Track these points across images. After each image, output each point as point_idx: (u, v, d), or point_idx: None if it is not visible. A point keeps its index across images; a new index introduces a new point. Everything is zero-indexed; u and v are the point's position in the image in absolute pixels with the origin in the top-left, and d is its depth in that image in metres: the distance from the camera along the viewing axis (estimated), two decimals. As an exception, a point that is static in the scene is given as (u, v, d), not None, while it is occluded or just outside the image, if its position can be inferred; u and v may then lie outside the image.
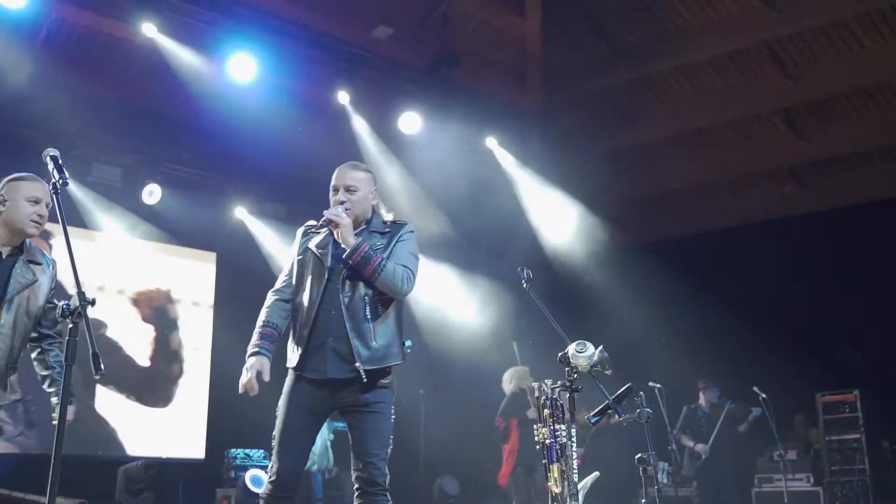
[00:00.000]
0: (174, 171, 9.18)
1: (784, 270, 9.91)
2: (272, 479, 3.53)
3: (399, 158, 9.27)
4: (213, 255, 10.06)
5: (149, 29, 7.54)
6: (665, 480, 7.76)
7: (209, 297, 9.99)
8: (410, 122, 8.99)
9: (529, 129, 10.36)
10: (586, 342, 3.46)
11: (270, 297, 3.74)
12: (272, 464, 3.56)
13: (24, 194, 3.54)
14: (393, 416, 3.64)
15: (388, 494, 3.52)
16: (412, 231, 3.77)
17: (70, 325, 2.79)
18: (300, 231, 3.86)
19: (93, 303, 2.78)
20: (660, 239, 10.96)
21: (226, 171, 9.53)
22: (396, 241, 3.67)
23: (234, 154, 9.17)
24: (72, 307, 2.79)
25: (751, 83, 10.04)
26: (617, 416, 3.49)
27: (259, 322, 3.69)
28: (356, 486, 3.53)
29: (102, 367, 2.70)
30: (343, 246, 3.54)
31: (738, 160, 10.67)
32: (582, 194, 10.01)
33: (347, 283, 3.55)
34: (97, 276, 9.03)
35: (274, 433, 3.58)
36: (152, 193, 8.88)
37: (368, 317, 3.56)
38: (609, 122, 10.92)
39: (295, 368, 3.58)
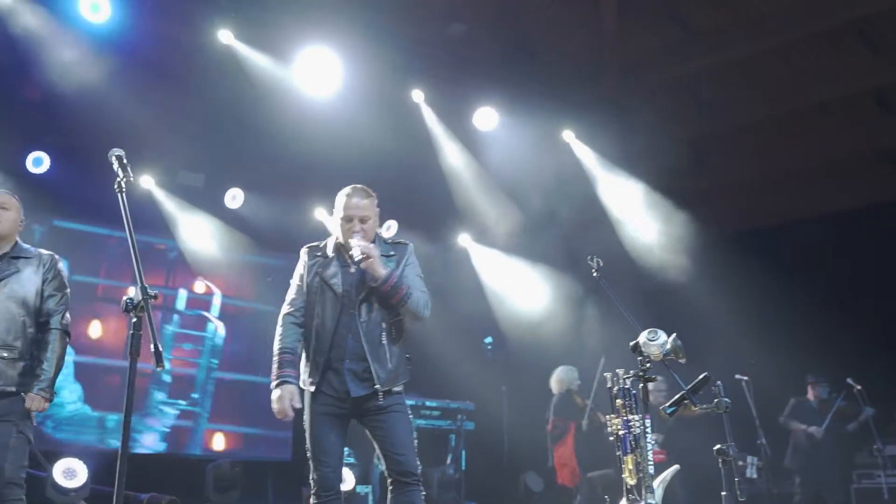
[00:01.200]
0: (255, 175, 9.34)
1: (882, 257, 9.47)
2: (318, 484, 3.77)
3: (475, 154, 9.24)
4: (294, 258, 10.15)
5: (225, 36, 7.72)
6: (754, 475, 7.50)
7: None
8: (486, 117, 8.95)
9: (607, 121, 10.17)
10: (658, 330, 3.36)
11: (283, 321, 3.93)
12: (313, 472, 3.78)
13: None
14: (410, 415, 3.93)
15: (420, 484, 3.71)
16: (413, 251, 4.03)
17: (133, 320, 2.84)
18: (305, 253, 4.05)
19: (155, 297, 2.83)
20: (747, 228, 10.62)
21: (305, 174, 9.64)
22: (404, 266, 3.88)
23: (313, 156, 9.27)
24: (135, 301, 2.84)
25: (839, 63, 9.63)
26: (693, 407, 3.37)
27: (277, 348, 3.87)
28: (389, 479, 3.72)
29: (164, 362, 2.73)
30: (373, 276, 3.70)
31: (827, 144, 10.24)
32: (663, 185, 9.78)
33: (364, 308, 3.75)
34: (182, 279, 9.29)
35: (307, 445, 3.81)
36: (235, 198, 9.08)
37: (384, 342, 3.75)
38: (689, 110, 10.64)
39: (314, 387, 3.78)
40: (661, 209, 9.76)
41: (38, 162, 8.41)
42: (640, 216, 9.83)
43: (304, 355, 3.87)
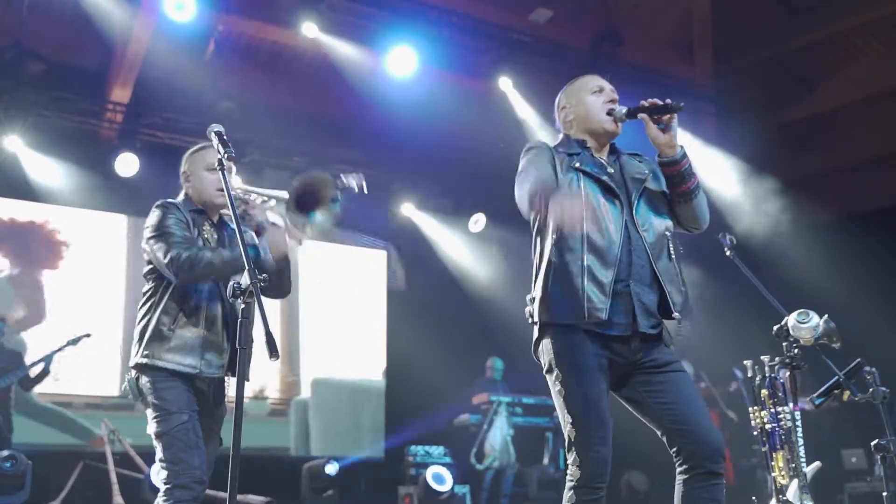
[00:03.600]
0: (341, 170, 9.22)
1: None
2: (591, 470, 2.76)
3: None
4: (383, 253, 10.06)
5: (309, 29, 7.61)
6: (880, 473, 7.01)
7: (381, 294, 10.00)
8: (575, 104, 8.65)
9: (700, 104, 9.76)
10: (809, 311, 3.03)
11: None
12: (578, 457, 2.78)
13: (204, 163, 3.37)
14: None
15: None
16: None
17: (242, 306, 2.60)
18: (540, 146, 3.07)
19: (265, 280, 2.62)
20: (855, 211, 10.03)
21: (392, 168, 9.50)
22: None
23: (400, 149, 9.13)
24: (243, 286, 2.58)
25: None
26: (846, 395, 3.04)
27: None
28: (686, 467, 2.75)
29: (278, 350, 2.48)
30: (670, 144, 2.92)
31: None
32: (761, 168, 9.33)
33: (640, 214, 2.92)
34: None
35: (570, 416, 2.79)
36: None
37: (673, 255, 2.92)
38: (787, 91, 10.14)
39: (583, 323, 2.80)
40: (760, 193, 9.32)
41: (127, 163, 8.42)
42: (738, 201, 9.39)
43: (556, 277, 2.88)
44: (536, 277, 2.94)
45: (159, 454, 3.11)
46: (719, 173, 9.22)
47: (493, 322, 9.38)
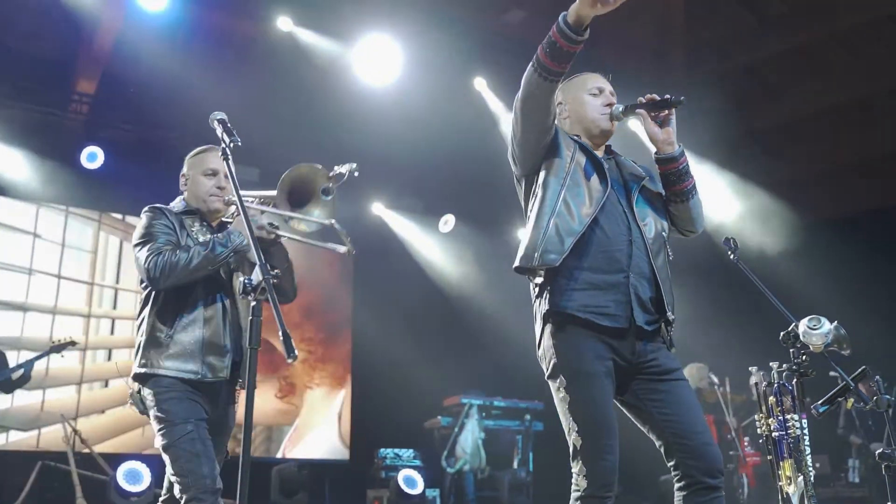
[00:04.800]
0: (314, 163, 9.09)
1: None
2: (600, 479, 2.62)
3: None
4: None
5: (284, 23, 7.49)
6: (857, 480, 7.10)
7: (348, 295, 9.88)
8: (549, 105, 8.63)
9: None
10: (821, 318, 2.99)
11: None
12: (584, 466, 2.65)
13: (201, 168, 3.32)
14: None
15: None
16: None
17: (253, 304, 2.45)
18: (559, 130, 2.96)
19: (276, 276, 2.49)
20: (821, 218, 10.16)
21: (363, 166, 9.36)
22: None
23: (371, 148, 9.01)
24: (254, 282, 2.45)
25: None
26: (850, 403, 3.01)
27: None
28: (685, 483, 2.66)
29: (295, 350, 2.32)
30: (667, 142, 2.90)
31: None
32: (734, 172, 9.42)
33: (639, 209, 2.84)
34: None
35: (576, 422, 2.67)
36: (291, 191, 8.83)
37: (670, 255, 2.85)
38: (756, 98, 10.23)
39: (573, 311, 2.68)
40: (731, 196, 9.41)
41: (93, 157, 8.20)
42: (714, 201, 9.46)
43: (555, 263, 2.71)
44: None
45: (168, 468, 2.99)
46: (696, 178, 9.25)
47: (462, 322, 9.31)
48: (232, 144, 2.83)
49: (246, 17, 7.89)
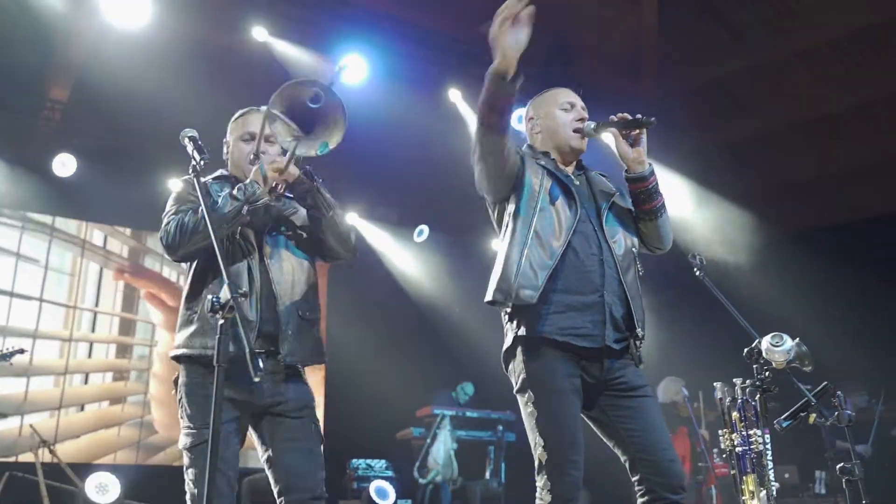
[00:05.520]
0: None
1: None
2: (561, 497, 2.67)
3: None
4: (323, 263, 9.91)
5: (259, 33, 7.49)
6: (823, 491, 7.19)
7: (322, 305, 9.87)
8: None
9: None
10: (783, 335, 3.06)
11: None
12: (549, 480, 2.70)
13: (241, 133, 3.23)
14: None
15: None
16: None
17: (220, 322, 2.35)
18: (524, 151, 3.05)
19: (245, 295, 2.48)
20: (792, 230, 10.29)
21: (338, 176, 9.38)
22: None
23: (346, 158, 9.01)
24: (222, 300, 2.36)
25: (880, 63, 9.30)
26: (812, 418, 3.07)
27: None
28: (648, 499, 2.72)
29: (262, 366, 2.29)
30: (638, 161, 2.97)
31: (874, 145, 9.92)
32: (703, 185, 9.53)
33: (609, 226, 2.91)
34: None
35: (542, 437, 2.72)
36: (267, 200, 8.83)
37: (640, 271, 2.90)
38: (726, 112, 10.37)
39: (551, 335, 2.73)
40: (700, 210, 9.51)
41: (65, 164, 8.16)
42: (681, 218, 9.55)
43: (524, 282, 2.78)
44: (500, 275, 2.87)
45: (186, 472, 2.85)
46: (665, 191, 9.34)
47: (436, 332, 9.33)
48: (203, 162, 2.79)
49: (222, 27, 7.87)
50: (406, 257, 9.84)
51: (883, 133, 9.80)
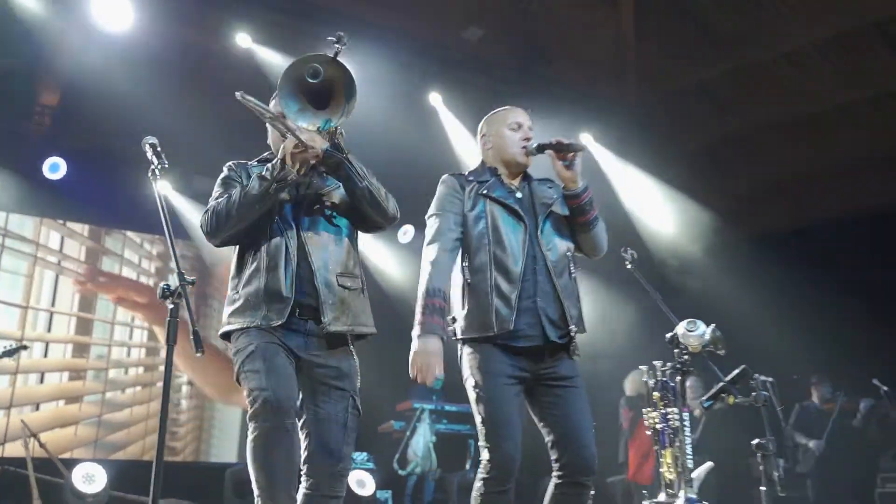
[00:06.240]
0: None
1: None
2: (499, 467, 3.01)
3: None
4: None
5: (243, 39, 7.70)
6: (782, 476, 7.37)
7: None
8: (505, 121, 8.88)
9: (626, 125, 10.10)
10: (697, 321, 3.29)
11: (441, 255, 3.24)
12: (488, 453, 3.05)
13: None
14: None
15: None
16: None
17: (171, 306, 2.77)
18: (452, 182, 3.44)
19: (192, 283, 2.80)
20: (770, 231, 10.47)
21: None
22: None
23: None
24: (172, 288, 2.78)
25: (861, 64, 9.49)
26: (732, 399, 3.29)
27: (427, 288, 3.18)
28: (560, 474, 3.06)
29: (203, 347, 2.65)
30: (572, 179, 3.25)
31: (852, 146, 10.09)
32: (683, 188, 9.71)
33: (545, 235, 3.24)
34: (199, 283, 9.26)
35: (482, 416, 3.09)
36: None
37: (573, 274, 3.23)
38: (707, 114, 10.54)
39: (496, 336, 3.10)
40: (681, 212, 9.69)
41: (55, 168, 8.39)
42: (660, 220, 9.75)
43: (471, 298, 3.18)
44: (455, 298, 3.26)
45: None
46: (640, 193, 9.55)
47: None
48: (160, 167, 3.04)
49: (206, 33, 8.07)
50: (388, 257, 10.05)
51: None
